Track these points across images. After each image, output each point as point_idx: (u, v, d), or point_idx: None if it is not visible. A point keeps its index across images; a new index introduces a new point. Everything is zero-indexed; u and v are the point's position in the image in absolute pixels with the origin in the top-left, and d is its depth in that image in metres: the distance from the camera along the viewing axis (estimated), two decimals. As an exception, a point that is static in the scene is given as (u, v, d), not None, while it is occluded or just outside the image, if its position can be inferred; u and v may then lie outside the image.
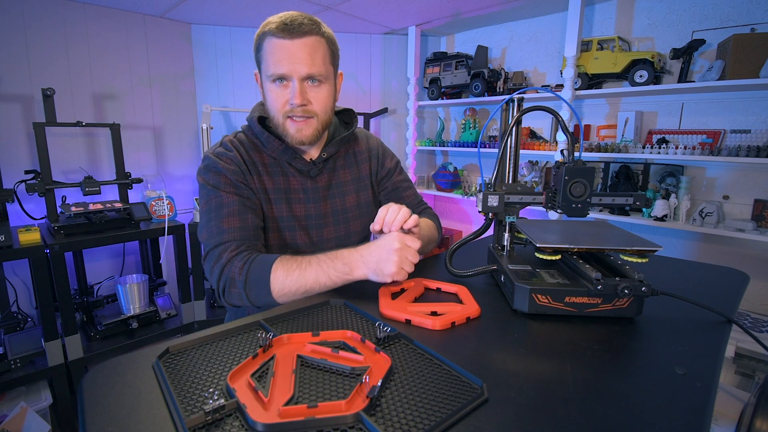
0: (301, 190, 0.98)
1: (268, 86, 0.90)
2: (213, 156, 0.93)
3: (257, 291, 0.82)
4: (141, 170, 2.48)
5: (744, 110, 1.89)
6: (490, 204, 0.86)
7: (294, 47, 0.85)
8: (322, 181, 1.01)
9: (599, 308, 0.72)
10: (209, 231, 0.89)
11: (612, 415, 0.48)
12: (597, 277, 0.70)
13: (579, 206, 0.79)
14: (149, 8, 2.31)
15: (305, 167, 0.98)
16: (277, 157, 0.97)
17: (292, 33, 0.84)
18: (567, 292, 0.72)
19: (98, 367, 0.57)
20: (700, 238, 2.04)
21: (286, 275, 0.80)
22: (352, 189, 1.06)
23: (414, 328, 0.70)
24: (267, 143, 0.96)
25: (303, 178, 0.99)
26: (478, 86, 2.54)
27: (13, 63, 2.02)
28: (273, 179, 0.96)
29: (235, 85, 2.76)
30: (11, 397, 1.77)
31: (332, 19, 2.48)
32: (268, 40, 0.86)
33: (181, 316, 2.27)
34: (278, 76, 0.87)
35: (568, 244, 0.78)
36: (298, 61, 0.85)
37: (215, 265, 0.85)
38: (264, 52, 0.88)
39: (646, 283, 0.69)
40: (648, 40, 2.14)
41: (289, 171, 0.98)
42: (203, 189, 0.93)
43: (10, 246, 1.66)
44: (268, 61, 0.87)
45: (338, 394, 0.51)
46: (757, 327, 1.74)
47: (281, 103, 0.89)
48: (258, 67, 0.93)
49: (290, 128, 0.91)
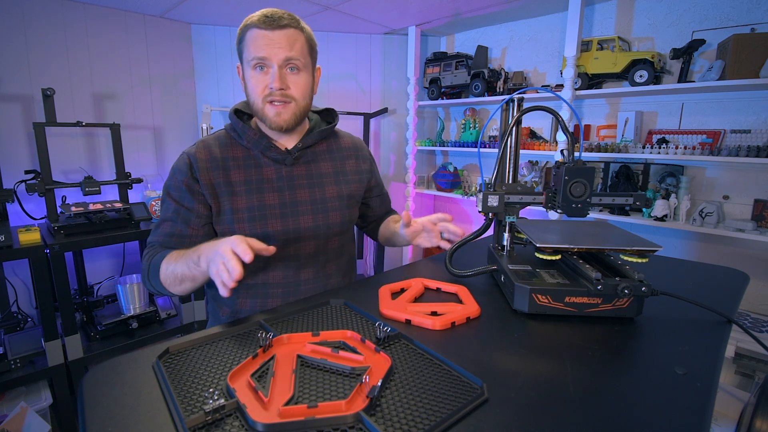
0: (275, 179, 1.00)
1: (249, 73, 0.94)
2: (183, 154, 1.00)
3: (152, 278, 0.92)
4: (141, 170, 2.48)
5: (744, 110, 1.89)
6: (490, 204, 0.86)
7: (274, 36, 0.90)
8: (298, 171, 1.03)
9: (599, 308, 0.72)
10: (153, 228, 1.00)
11: (612, 415, 0.48)
12: (597, 277, 0.70)
13: (579, 206, 0.79)
14: (149, 8, 2.31)
15: (280, 156, 1.00)
16: (252, 147, 1.00)
17: (273, 24, 0.90)
18: (567, 292, 0.72)
19: (98, 367, 0.57)
20: (700, 238, 2.04)
21: (167, 264, 0.89)
22: (332, 181, 1.07)
23: (414, 328, 0.70)
24: (243, 133, 0.99)
25: (278, 167, 1.01)
26: (478, 86, 2.54)
27: (13, 63, 2.02)
28: (245, 171, 0.99)
29: (235, 85, 2.76)
30: (11, 397, 1.77)
31: (332, 19, 2.48)
32: (250, 31, 0.91)
33: (181, 316, 2.27)
34: (259, 60, 0.91)
35: (568, 244, 0.78)
36: (278, 47, 0.91)
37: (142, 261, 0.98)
38: (246, 42, 0.92)
39: (646, 283, 0.69)
40: (648, 40, 2.14)
41: (263, 161, 1.01)
42: (164, 188, 1.02)
43: (10, 246, 1.66)
44: (249, 48, 0.92)
45: (338, 394, 0.51)
46: (757, 327, 1.74)
47: (261, 88, 0.93)
48: (240, 58, 0.97)
49: (269, 112, 0.95)
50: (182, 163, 0.98)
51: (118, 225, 2.00)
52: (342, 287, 0.98)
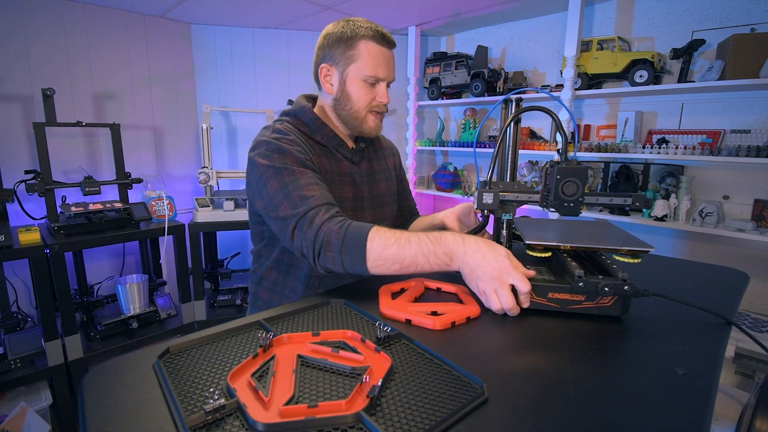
0: (349, 174, 1.06)
1: (357, 83, 0.99)
2: (273, 140, 0.94)
3: (352, 257, 0.80)
4: (141, 170, 2.48)
5: (744, 110, 1.89)
6: (485, 201, 0.88)
7: (391, 56, 1.01)
8: (363, 167, 1.11)
9: (583, 305, 0.73)
10: (292, 203, 0.86)
11: (612, 415, 0.48)
12: (579, 275, 0.71)
13: (571, 205, 0.80)
14: (149, 8, 2.31)
15: (349, 153, 1.07)
16: (327, 143, 1.04)
17: (390, 43, 0.99)
18: (550, 288, 0.73)
19: (98, 367, 0.57)
20: (700, 238, 2.04)
21: (383, 246, 0.78)
22: (383, 177, 1.17)
23: (414, 327, 0.70)
24: (318, 130, 1.03)
25: (349, 164, 1.07)
26: (478, 86, 2.54)
27: (13, 63, 2.02)
28: (328, 161, 1.03)
29: (235, 85, 2.76)
30: (11, 397, 1.77)
31: (332, 19, 2.48)
32: (367, 43, 0.97)
33: (181, 316, 2.27)
34: (376, 78, 0.99)
35: (561, 242, 0.79)
36: (393, 68, 1.02)
37: (308, 229, 0.83)
38: (361, 54, 0.97)
39: (629, 283, 0.69)
40: (648, 40, 2.14)
41: (338, 155, 1.05)
42: (270, 170, 0.90)
43: (10, 246, 1.66)
44: (367, 62, 0.97)
45: (338, 393, 0.51)
46: (757, 327, 1.74)
47: (368, 99, 1.01)
48: (337, 63, 0.99)
49: (371, 121, 1.03)
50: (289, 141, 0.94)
51: (118, 225, 2.00)
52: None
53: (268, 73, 2.80)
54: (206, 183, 2.35)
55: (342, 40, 0.97)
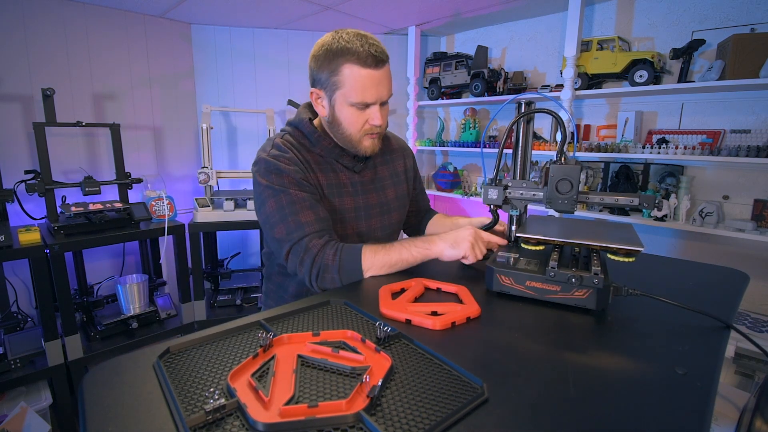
0: (350, 184, 1.06)
1: (346, 109, 0.95)
2: (270, 159, 0.97)
3: (349, 273, 0.91)
4: (141, 170, 2.48)
5: (744, 110, 1.89)
6: (490, 196, 0.95)
7: (378, 75, 0.92)
8: (366, 176, 1.10)
9: (558, 296, 0.76)
10: (287, 227, 0.93)
11: (612, 415, 0.48)
12: (552, 266, 0.74)
13: (565, 202, 0.83)
14: (149, 8, 2.31)
15: (351, 163, 1.06)
16: (326, 155, 1.03)
17: (378, 64, 0.92)
18: (527, 277, 0.78)
19: (98, 367, 0.57)
20: (700, 238, 2.04)
21: (373, 255, 0.91)
22: (390, 183, 1.15)
23: (414, 327, 0.70)
24: (317, 142, 1.02)
25: (350, 173, 1.06)
26: (478, 86, 2.54)
27: (13, 63, 2.02)
28: (325, 175, 1.03)
29: (234, 85, 2.76)
30: (11, 397, 1.77)
31: (332, 19, 2.49)
32: (351, 67, 0.91)
33: (181, 316, 2.27)
34: (365, 104, 0.94)
35: (557, 238, 0.82)
36: (382, 87, 0.94)
37: (305, 256, 0.92)
38: (346, 78, 0.92)
39: (600, 278, 0.71)
40: (648, 40, 2.14)
41: (337, 167, 1.05)
42: (268, 190, 0.96)
43: (10, 246, 1.66)
44: (354, 88, 0.92)
45: (339, 393, 0.51)
46: (757, 327, 1.74)
47: (360, 123, 0.97)
48: (324, 88, 0.96)
49: (366, 143, 1.00)
50: (286, 160, 0.97)
51: (118, 225, 2.00)
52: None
53: (268, 73, 2.80)
54: (206, 183, 2.35)
55: (326, 64, 0.93)
